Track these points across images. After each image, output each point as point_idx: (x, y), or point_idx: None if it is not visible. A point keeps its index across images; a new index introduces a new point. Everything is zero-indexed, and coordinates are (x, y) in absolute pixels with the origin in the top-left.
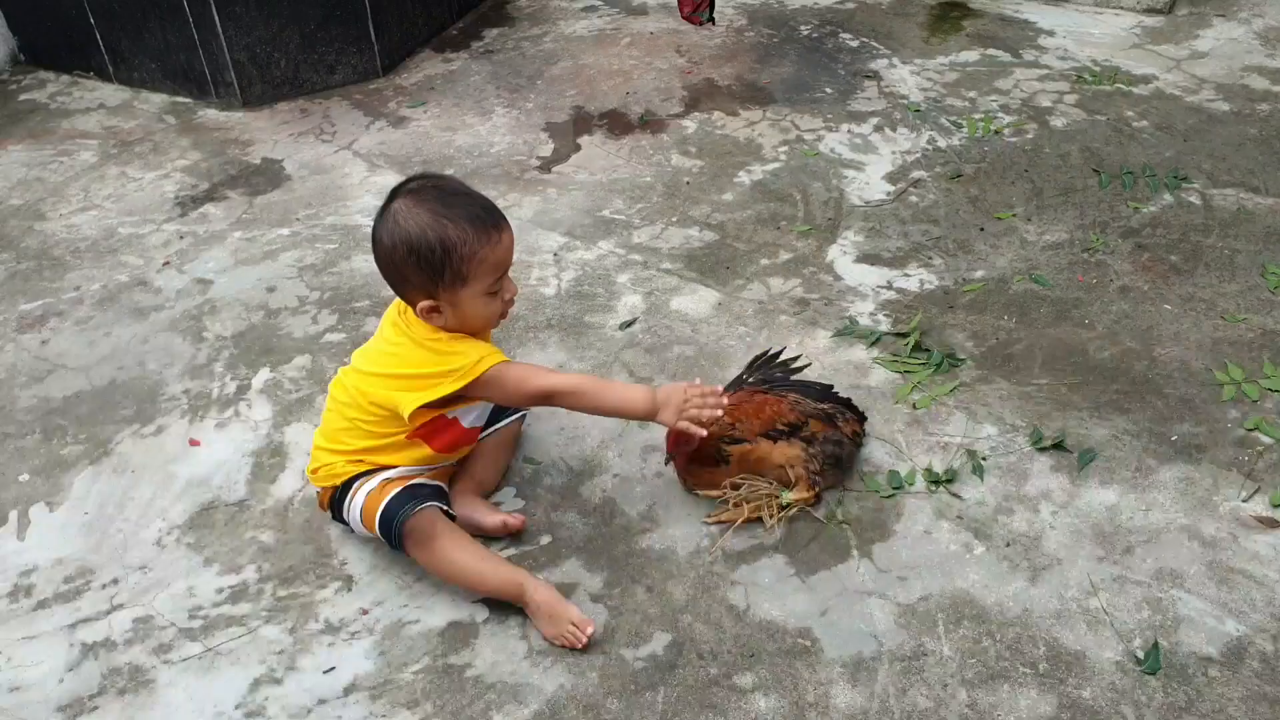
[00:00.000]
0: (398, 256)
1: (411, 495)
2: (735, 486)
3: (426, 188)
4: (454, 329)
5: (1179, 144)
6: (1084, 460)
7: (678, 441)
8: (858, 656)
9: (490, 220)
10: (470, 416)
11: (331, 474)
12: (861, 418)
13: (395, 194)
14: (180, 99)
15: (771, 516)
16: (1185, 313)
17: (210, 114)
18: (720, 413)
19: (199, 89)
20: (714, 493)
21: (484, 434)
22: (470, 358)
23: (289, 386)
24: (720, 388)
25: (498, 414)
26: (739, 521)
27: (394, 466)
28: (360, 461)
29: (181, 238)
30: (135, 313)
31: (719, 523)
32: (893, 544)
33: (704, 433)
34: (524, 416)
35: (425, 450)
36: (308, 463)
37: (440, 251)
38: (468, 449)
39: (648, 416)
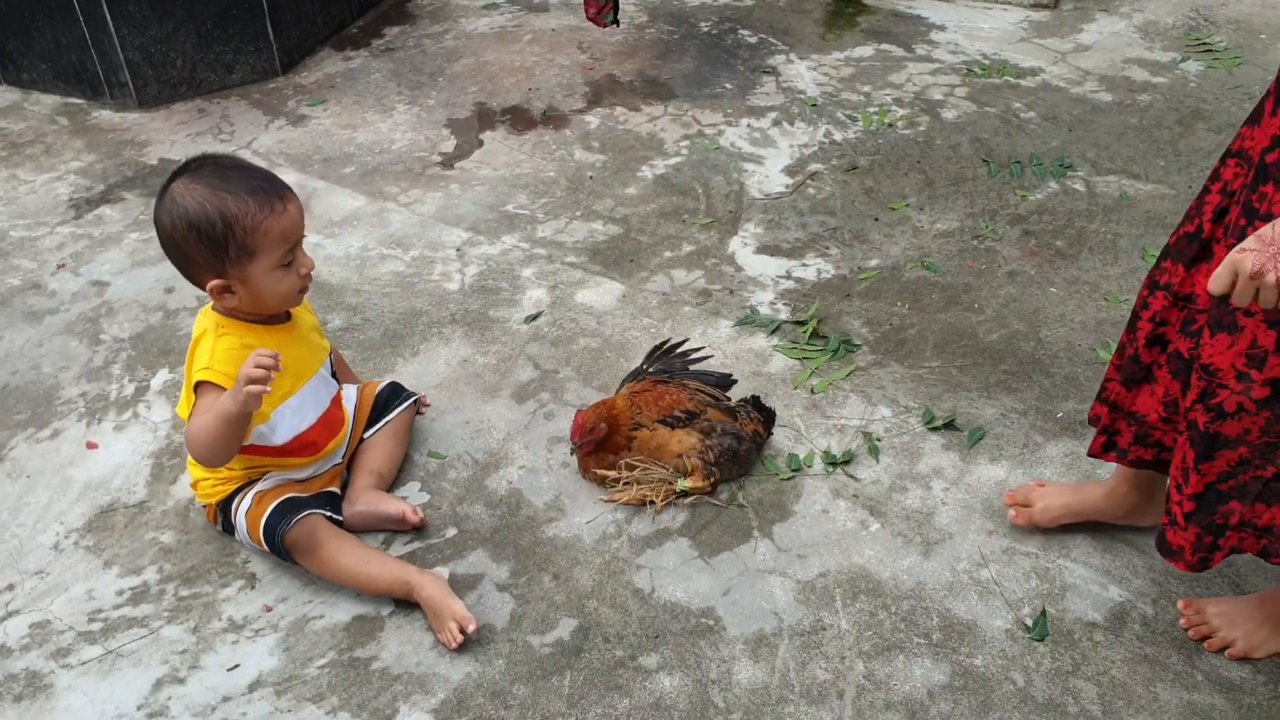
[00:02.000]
0: (179, 235)
1: (288, 508)
2: (630, 468)
3: (205, 166)
4: (249, 310)
5: (1064, 134)
6: (974, 438)
7: (583, 433)
8: (759, 633)
9: (273, 190)
10: (284, 424)
11: (206, 493)
12: (770, 418)
13: (173, 177)
14: (73, 100)
15: (659, 500)
16: (1070, 295)
17: (105, 115)
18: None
19: (92, 90)
20: (610, 474)
21: (369, 432)
22: (197, 363)
23: None
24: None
25: (381, 411)
26: (626, 500)
27: (261, 477)
28: (225, 480)
29: (76, 240)
30: (29, 316)
31: (611, 501)
32: (792, 524)
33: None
34: (415, 405)
35: (267, 457)
36: None
37: (222, 225)
38: (329, 447)
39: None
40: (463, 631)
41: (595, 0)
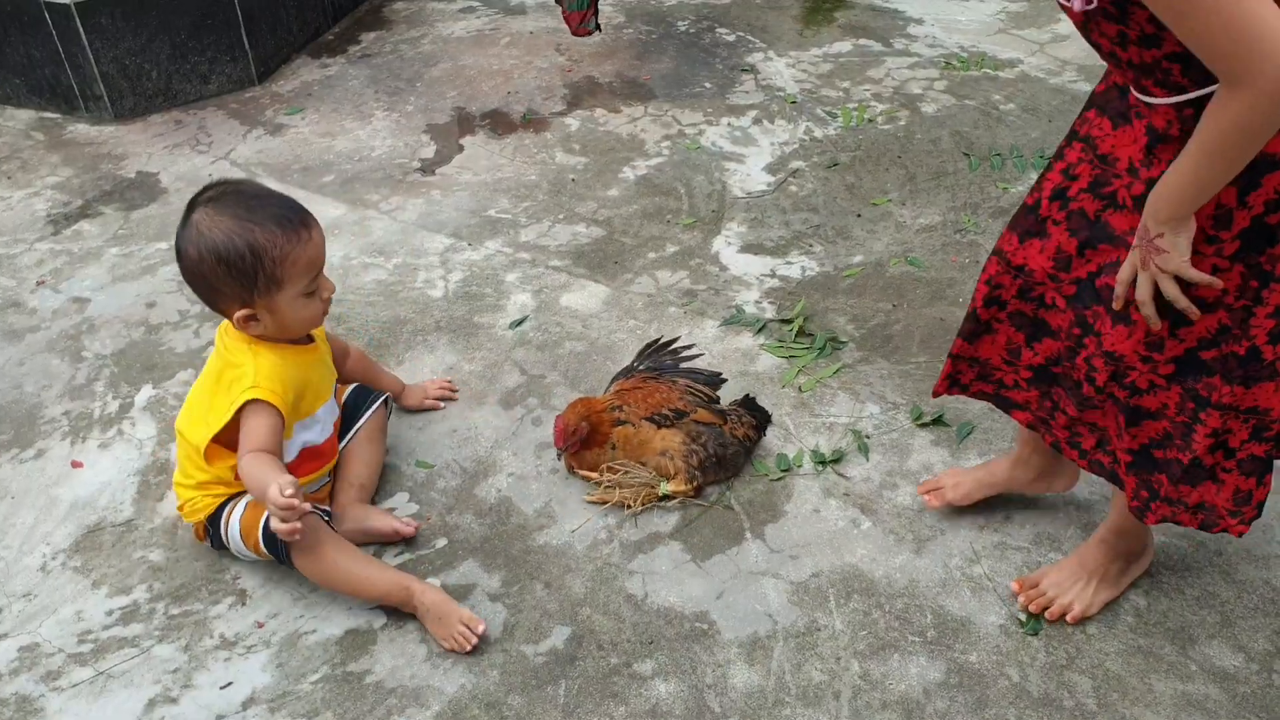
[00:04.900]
0: (206, 268)
1: None
2: (613, 471)
3: (227, 194)
4: (274, 336)
5: (1044, 124)
6: (962, 433)
7: (566, 436)
8: (754, 636)
9: (298, 219)
10: (296, 442)
11: (195, 509)
12: (763, 419)
13: (194, 204)
14: (48, 115)
15: (638, 504)
16: None
17: (80, 129)
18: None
19: (67, 103)
20: (593, 475)
21: (343, 442)
22: (244, 382)
23: (173, 403)
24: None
25: (350, 417)
26: (610, 503)
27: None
28: (215, 495)
29: (55, 256)
30: (9, 335)
31: (595, 502)
32: (784, 524)
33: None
34: (387, 405)
35: None
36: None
37: (251, 257)
38: (326, 466)
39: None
40: (474, 633)
41: (576, 14)
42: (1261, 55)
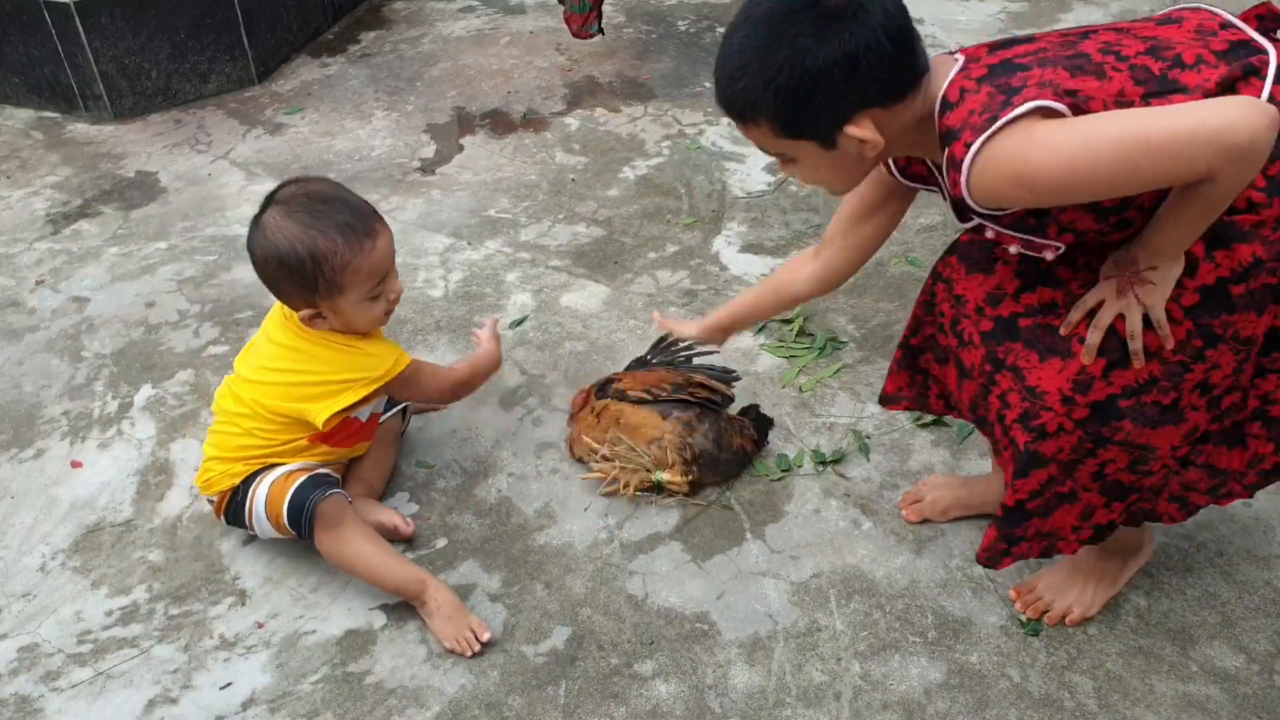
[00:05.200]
0: (270, 269)
1: (319, 482)
2: (614, 444)
3: (297, 196)
4: (341, 331)
5: None
6: (963, 433)
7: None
8: (754, 636)
9: (362, 227)
10: (368, 410)
11: (229, 475)
12: (764, 431)
13: (268, 203)
14: (47, 114)
15: (631, 487)
16: None
17: (80, 128)
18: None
19: (66, 103)
20: (594, 445)
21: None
22: (386, 362)
23: (172, 402)
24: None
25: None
26: (607, 479)
27: (275, 466)
28: (247, 461)
29: (55, 256)
30: (8, 334)
31: (588, 479)
32: (784, 525)
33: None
34: (405, 414)
35: (324, 446)
36: (195, 478)
37: (311, 264)
38: (366, 444)
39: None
40: (479, 639)
41: (578, 17)
42: (1214, 150)
